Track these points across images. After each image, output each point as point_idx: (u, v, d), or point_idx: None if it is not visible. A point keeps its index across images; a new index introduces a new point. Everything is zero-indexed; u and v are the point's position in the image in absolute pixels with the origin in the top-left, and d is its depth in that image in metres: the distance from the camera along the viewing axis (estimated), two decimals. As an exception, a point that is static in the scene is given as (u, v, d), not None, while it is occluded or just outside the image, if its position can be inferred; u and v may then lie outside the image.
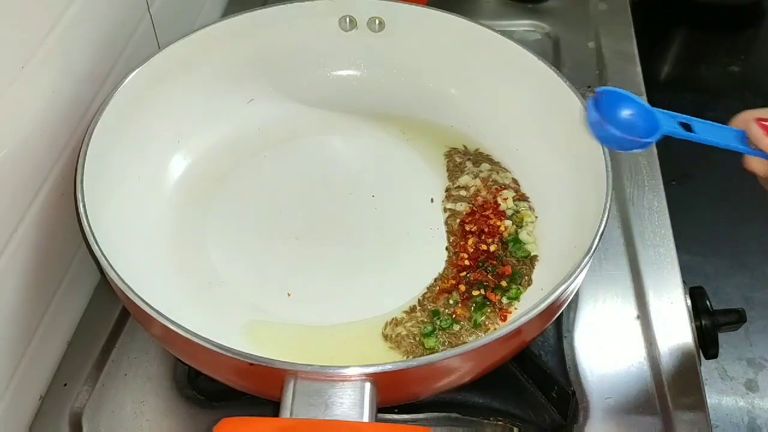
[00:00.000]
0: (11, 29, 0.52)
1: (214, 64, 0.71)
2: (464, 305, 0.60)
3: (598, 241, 0.52)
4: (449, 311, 0.60)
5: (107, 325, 0.64)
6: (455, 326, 0.59)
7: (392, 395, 0.52)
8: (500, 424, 0.57)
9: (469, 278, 0.62)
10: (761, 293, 0.86)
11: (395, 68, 0.76)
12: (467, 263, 0.63)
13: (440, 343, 0.58)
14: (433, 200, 0.68)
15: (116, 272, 0.51)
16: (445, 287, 0.61)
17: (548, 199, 0.67)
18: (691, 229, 0.74)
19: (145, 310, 0.49)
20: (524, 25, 0.93)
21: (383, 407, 0.50)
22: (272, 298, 0.61)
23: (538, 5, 0.95)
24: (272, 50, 0.73)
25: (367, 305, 0.60)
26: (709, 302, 0.66)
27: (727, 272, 0.87)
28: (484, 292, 0.61)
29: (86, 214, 0.54)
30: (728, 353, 0.82)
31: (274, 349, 0.57)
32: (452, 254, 0.64)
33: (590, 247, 0.52)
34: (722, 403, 0.80)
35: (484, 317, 0.60)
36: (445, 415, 0.58)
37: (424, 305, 0.61)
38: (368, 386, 0.46)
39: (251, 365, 0.46)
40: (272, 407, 0.51)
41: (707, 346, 0.65)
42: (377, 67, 0.76)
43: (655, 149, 0.76)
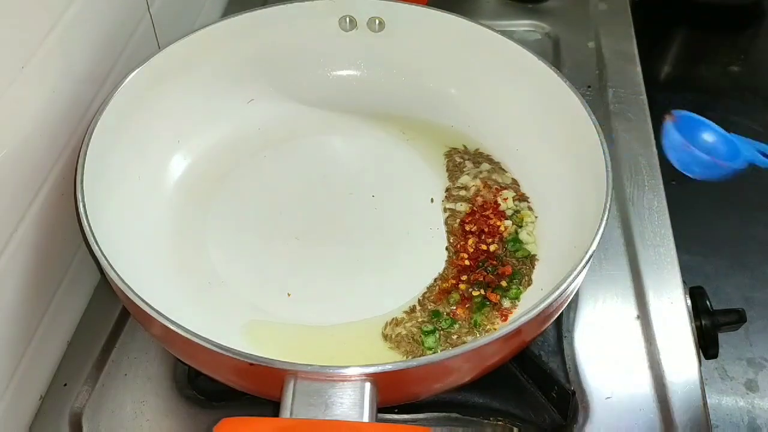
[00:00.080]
0: (11, 29, 0.52)
1: (214, 64, 0.71)
2: (464, 305, 0.60)
3: (598, 241, 0.52)
4: (449, 311, 0.60)
5: (107, 325, 0.64)
6: (455, 326, 0.59)
7: (392, 395, 0.52)
8: (500, 424, 0.57)
9: (469, 278, 0.62)
10: (761, 293, 0.86)
11: (395, 68, 0.76)
12: (467, 263, 0.63)
13: (440, 343, 0.58)
14: (433, 200, 0.68)
15: (116, 272, 0.51)
16: (445, 287, 0.61)
17: (548, 199, 0.67)
18: (691, 229, 0.74)
19: (145, 310, 0.49)
20: (524, 25, 0.93)
21: (383, 407, 0.50)
22: (272, 298, 0.61)
23: (538, 5, 0.95)
24: (272, 50, 0.73)
25: (367, 305, 0.60)
26: (709, 302, 0.66)
27: (727, 272, 0.87)
28: (484, 292, 0.61)
29: (86, 214, 0.54)
30: (728, 353, 0.82)
31: (274, 349, 0.57)
32: (452, 254, 0.64)
33: (590, 247, 0.52)
34: (722, 403, 0.80)
35: (484, 317, 0.60)
36: (445, 415, 0.58)
37: (424, 305, 0.61)
38: (368, 386, 0.46)
39: (251, 365, 0.46)
40: (272, 407, 0.51)
41: (707, 346, 0.65)
42: (377, 67, 0.76)
43: (655, 149, 0.76)
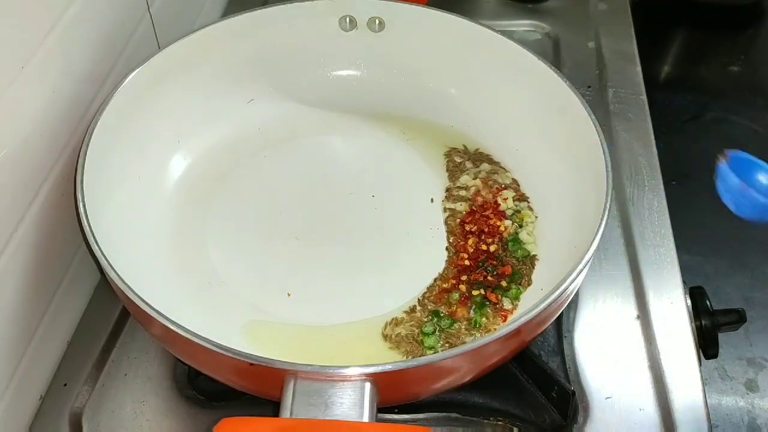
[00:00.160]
0: (11, 29, 0.52)
1: (214, 64, 0.71)
2: (464, 305, 0.60)
3: (598, 241, 0.52)
4: (449, 311, 0.60)
5: (107, 325, 0.64)
6: (455, 326, 0.59)
7: (392, 395, 0.52)
8: (500, 424, 0.57)
9: (469, 278, 0.62)
10: (761, 293, 0.86)
11: (395, 68, 0.76)
12: (467, 263, 0.63)
13: (440, 343, 0.58)
14: (433, 200, 0.68)
15: (116, 272, 0.51)
16: (445, 287, 0.61)
17: (548, 199, 0.67)
18: (691, 229, 0.74)
19: (145, 310, 0.49)
20: (524, 25, 0.93)
21: (383, 407, 0.50)
22: (272, 298, 0.61)
23: (538, 5, 0.95)
24: (272, 50, 0.73)
25: (367, 305, 0.60)
26: (709, 302, 0.66)
27: (727, 272, 0.87)
28: (484, 292, 0.61)
29: (86, 214, 0.54)
30: (728, 353, 0.82)
31: (274, 349, 0.57)
32: (452, 254, 0.64)
33: (590, 247, 0.52)
34: (722, 403, 0.80)
35: (484, 317, 0.60)
36: (445, 415, 0.58)
37: (424, 305, 0.61)
38: (368, 386, 0.46)
39: (251, 365, 0.46)
40: (272, 407, 0.51)
41: (707, 346, 0.65)
42: (377, 67, 0.76)
43: (655, 149, 0.76)
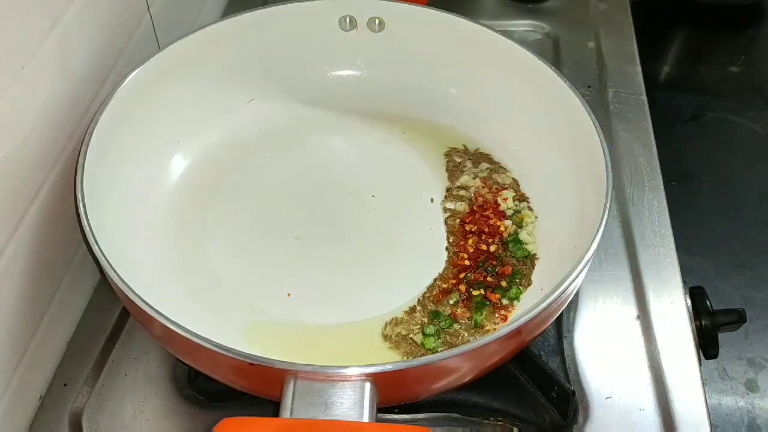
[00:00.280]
0: (11, 29, 0.52)
1: (214, 64, 0.71)
2: (464, 305, 0.60)
3: (598, 241, 0.52)
4: (449, 311, 0.60)
5: (107, 325, 0.64)
6: (455, 326, 0.59)
7: (392, 395, 0.52)
8: (500, 424, 0.57)
9: (469, 278, 0.62)
10: (761, 293, 0.86)
11: (395, 68, 0.76)
12: (467, 263, 0.63)
13: (440, 343, 0.58)
14: (433, 200, 0.68)
15: (116, 272, 0.51)
16: (445, 287, 0.61)
17: (548, 199, 0.67)
18: (691, 229, 0.74)
19: (145, 310, 0.49)
20: (524, 25, 0.93)
21: (383, 407, 0.50)
22: (272, 298, 0.61)
23: (538, 5, 0.95)
24: (272, 50, 0.73)
25: (367, 305, 0.60)
26: (709, 302, 0.66)
27: (727, 272, 0.87)
28: (484, 292, 0.61)
29: (86, 214, 0.54)
30: (728, 353, 0.82)
31: (274, 349, 0.57)
32: (452, 254, 0.64)
33: (590, 247, 0.52)
34: (722, 403, 0.80)
35: (484, 317, 0.60)
36: (445, 415, 0.58)
37: (424, 305, 0.61)
38: (368, 386, 0.46)
39: (251, 365, 0.46)
40: (272, 407, 0.51)
41: (707, 346, 0.65)
42: (377, 67, 0.76)
43: (655, 149, 0.76)
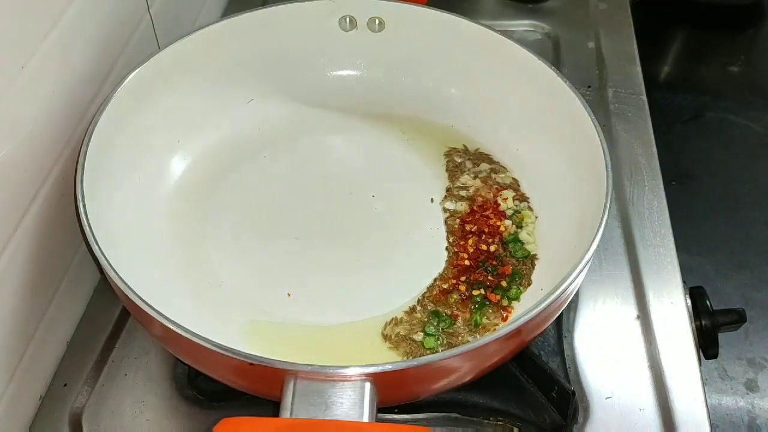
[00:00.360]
0: (11, 29, 0.52)
1: (213, 64, 0.71)
2: (464, 305, 0.60)
3: (598, 241, 0.52)
4: (449, 311, 0.60)
5: (107, 325, 0.64)
6: (455, 326, 0.59)
7: (392, 395, 0.52)
8: (500, 424, 0.57)
9: (469, 278, 0.62)
10: (761, 293, 0.86)
11: (395, 68, 0.76)
12: (467, 263, 0.63)
13: (440, 343, 0.58)
14: (433, 200, 0.68)
15: (116, 272, 0.51)
16: (445, 287, 0.61)
17: (548, 199, 0.67)
18: (691, 229, 0.74)
19: (145, 310, 0.49)
20: (524, 25, 0.93)
21: (383, 407, 0.50)
22: (272, 298, 0.61)
23: (538, 5, 0.95)
24: (272, 50, 0.73)
25: (367, 305, 0.60)
26: (709, 302, 0.66)
27: (727, 272, 0.87)
28: (484, 292, 0.61)
29: (86, 214, 0.54)
30: (728, 353, 0.82)
31: (274, 349, 0.57)
32: (452, 254, 0.64)
33: (590, 247, 0.52)
34: (722, 403, 0.80)
35: (484, 317, 0.60)
36: (445, 415, 0.58)
37: (424, 305, 0.61)
38: (368, 386, 0.46)
39: (251, 365, 0.46)
40: (272, 407, 0.51)
41: (707, 346, 0.65)
42: (377, 67, 0.76)
43: (655, 149, 0.76)
